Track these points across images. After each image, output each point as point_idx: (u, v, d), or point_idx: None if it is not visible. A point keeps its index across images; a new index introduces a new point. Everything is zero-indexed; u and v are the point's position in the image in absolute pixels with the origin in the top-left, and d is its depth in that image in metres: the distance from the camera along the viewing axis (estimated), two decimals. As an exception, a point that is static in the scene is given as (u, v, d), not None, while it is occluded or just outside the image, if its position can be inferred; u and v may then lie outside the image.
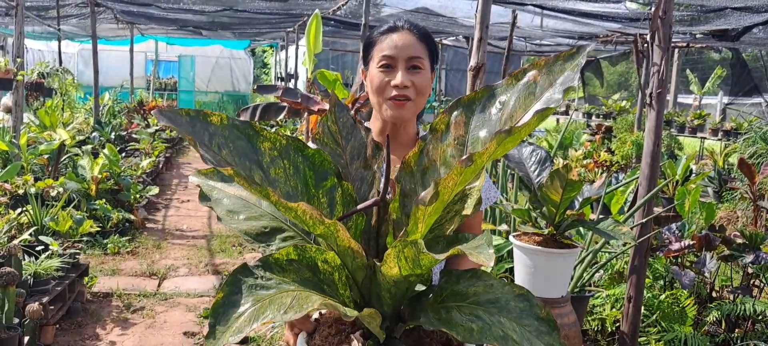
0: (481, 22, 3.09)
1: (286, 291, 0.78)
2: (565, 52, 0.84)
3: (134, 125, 10.00)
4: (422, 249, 0.75)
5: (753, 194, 5.49)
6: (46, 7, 9.48)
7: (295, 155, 0.91)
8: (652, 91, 2.16)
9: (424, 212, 0.79)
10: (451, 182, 0.77)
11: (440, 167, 0.91)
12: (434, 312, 0.85)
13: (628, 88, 23.09)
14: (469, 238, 0.88)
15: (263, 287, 0.77)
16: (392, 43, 1.42)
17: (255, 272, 0.79)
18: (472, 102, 0.90)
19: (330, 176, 0.92)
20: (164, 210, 6.84)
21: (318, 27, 4.57)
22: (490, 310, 0.82)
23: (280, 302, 0.75)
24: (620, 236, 1.87)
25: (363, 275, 0.88)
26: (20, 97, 5.71)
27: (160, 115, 0.81)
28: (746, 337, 3.01)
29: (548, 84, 0.82)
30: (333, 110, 0.99)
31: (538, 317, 0.80)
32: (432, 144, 0.91)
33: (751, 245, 3.23)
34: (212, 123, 0.86)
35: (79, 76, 13.57)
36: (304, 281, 0.82)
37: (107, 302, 4.10)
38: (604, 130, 9.85)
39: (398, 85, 1.39)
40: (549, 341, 0.79)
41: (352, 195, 0.93)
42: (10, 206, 4.61)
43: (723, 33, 6.95)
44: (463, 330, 0.80)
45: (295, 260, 0.83)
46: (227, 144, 0.86)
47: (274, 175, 0.89)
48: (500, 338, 0.78)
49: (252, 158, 0.88)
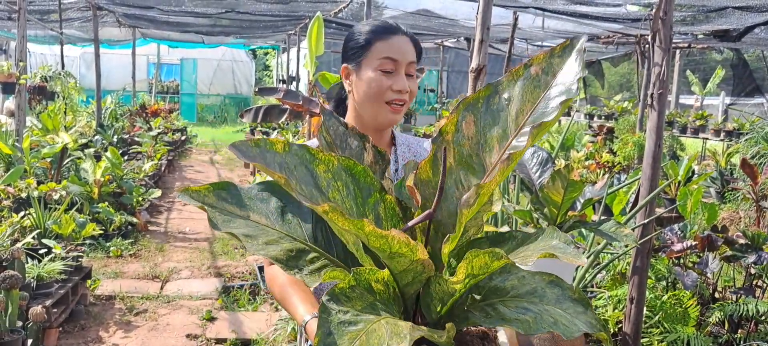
0: (482, 23, 3.09)
1: (374, 322, 0.77)
2: (561, 45, 0.85)
3: (136, 128, 10.03)
4: (502, 256, 0.76)
5: (755, 194, 5.48)
6: (49, 11, 9.51)
7: (346, 176, 0.90)
8: (654, 92, 2.16)
9: (467, 215, 0.80)
10: (494, 183, 0.79)
11: (458, 169, 0.91)
12: (480, 311, 0.87)
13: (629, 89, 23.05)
14: (511, 236, 0.90)
15: (349, 323, 0.77)
16: (396, 47, 1.39)
17: (330, 306, 0.78)
18: (476, 101, 0.90)
19: (374, 192, 0.92)
20: (166, 213, 6.85)
21: (320, 29, 4.58)
22: (532, 300, 0.85)
23: (378, 336, 0.74)
24: (622, 238, 1.87)
25: (415, 288, 0.88)
26: (23, 101, 5.73)
27: (235, 150, 0.82)
28: (749, 338, 3.01)
29: (552, 77, 0.83)
30: (324, 121, 0.99)
31: (573, 300, 0.84)
32: (443, 147, 0.91)
33: (754, 246, 3.22)
34: (278, 152, 0.86)
35: (81, 80, 13.61)
36: (370, 306, 0.82)
37: (110, 305, 4.11)
38: (605, 131, 9.84)
39: (401, 91, 1.38)
40: (587, 319, 0.82)
41: (394, 208, 0.93)
42: (13, 210, 4.63)
43: (724, 33, 6.95)
44: (520, 323, 0.82)
45: (355, 286, 0.82)
46: (293, 172, 0.85)
47: (333, 198, 0.89)
48: (552, 324, 0.80)
49: (312, 183, 0.87)
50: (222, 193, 0.90)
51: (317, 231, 0.94)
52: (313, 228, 0.94)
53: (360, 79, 1.41)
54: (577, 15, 6.97)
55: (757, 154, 6.83)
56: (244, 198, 0.91)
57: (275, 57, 21.76)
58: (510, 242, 0.88)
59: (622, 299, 3.08)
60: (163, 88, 18.43)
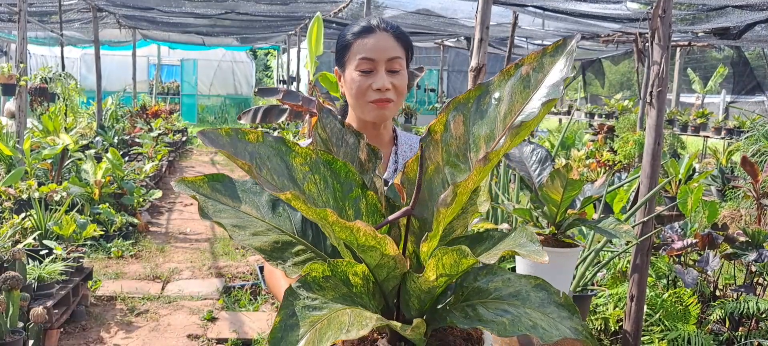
0: (481, 23, 3.10)
1: (339, 310, 0.78)
2: (555, 43, 0.84)
3: (137, 129, 10.04)
4: (467, 254, 0.76)
5: (756, 192, 5.48)
6: (49, 13, 9.52)
7: (324, 169, 0.91)
8: (653, 90, 2.16)
9: (444, 215, 0.80)
10: (471, 183, 0.78)
11: (445, 168, 0.91)
12: (460, 311, 0.87)
13: (630, 87, 23.05)
14: (488, 236, 0.89)
15: (314, 308, 0.77)
16: (371, 46, 1.40)
17: (299, 292, 0.79)
18: (467, 101, 0.90)
19: (355, 187, 0.92)
20: (167, 213, 6.86)
21: (319, 29, 4.58)
22: (513, 303, 0.84)
23: (338, 321, 0.75)
24: (621, 235, 1.87)
25: (394, 284, 0.88)
26: (24, 103, 5.74)
27: (204, 137, 0.82)
28: (750, 335, 3.01)
29: (542, 76, 0.83)
30: (321, 118, 0.99)
31: (558, 304, 0.83)
32: (432, 146, 0.91)
33: (754, 244, 3.22)
34: (250, 141, 0.86)
35: (82, 81, 13.61)
36: (343, 296, 0.82)
37: (111, 306, 4.11)
38: (606, 129, 9.83)
39: (380, 89, 1.39)
40: (572, 325, 0.81)
41: (375, 204, 0.93)
42: (14, 211, 4.64)
43: (724, 31, 6.94)
44: (496, 325, 0.81)
45: (330, 277, 0.83)
46: (265, 163, 0.86)
47: (308, 191, 0.89)
48: (531, 327, 0.80)
49: (287, 175, 0.88)
50: (216, 184, 0.91)
51: (307, 226, 0.95)
52: (303, 223, 0.95)
53: (345, 80, 1.45)
54: (576, 14, 6.96)
55: (758, 152, 6.83)
56: (238, 190, 0.93)
57: (276, 57, 21.77)
58: (487, 241, 0.88)
59: (622, 297, 3.08)
60: (164, 89, 18.45)
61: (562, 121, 15.44)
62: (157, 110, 11.55)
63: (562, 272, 2.21)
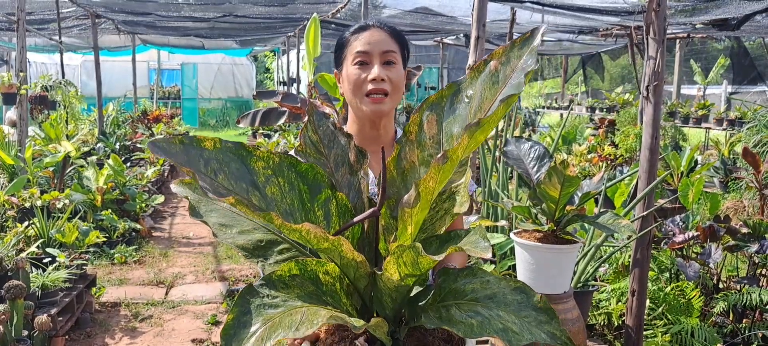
0: (477, 20, 3.10)
1: (294, 308, 0.78)
2: (521, 37, 0.84)
3: (138, 135, 10.05)
4: (421, 252, 0.76)
5: (758, 182, 5.46)
6: (47, 20, 9.54)
7: (288, 172, 0.91)
8: (649, 84, 2.16)
9: (410, 215, 0.80)
10: (432, 182, 0.78)
11: (420, 168, 0.91)
12: (434, 311, 0.87)
13: (631, 81, 22.99)
14: (462, 235, 0.89)
15: (271, 306, 0.78)
16: (365, 39, 1.46)
17: (260, 291, 0.79)
18: (440, 99, 0.91)
19: (324, 189, 0.93)
20: (170, 218, 6.87)
21: (316, 31, 4.58)
22: (488, 305, 0.84)
23: (289, 319, 0.76)
24: (620, 229, 1.87)
25: (365, 283, 0.89)
26: (25, 111, 5.75)
27: (154, 148, 0.81)
28: (754, 326, 3.00)
29: (510, 70, 0.83)
30: (312, 120, 0.99)
31: (535, 308, 0.82)
32: (408, 146, 0.92)
33: (756, 235, 3.22)
34: (206, 148, 0.86)
35: (82, 88, 13.65)
36: (309, 295, 0.83)
37: (115, 312, 4.13)
38: (607, 124, 9.81)
39: (375, 79, 1.42)
40: (549, 329, 0.80)
41: (346, 205, 0.94)
42: (17, 219, 4.65)
43: (723, 22, 6.92)
44: (463, 326, 0.81)
45: (297, 275, 0.83)
46: (222, 168, 0.86)
47: (271, 194, 0.90)
48: (500, 330, 0.79)
49: (248, 179, 0.88)
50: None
51: None
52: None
53: (343, 77, 1.51)
54: (574, 8, 6.95)
55: (760, 143, 6.80)
56: None
57: (275, 60, 21.78)
58: (453, 240, 0.89)
59: (624, 292, 3.08)
60: (165, 94, 18.46)
61: (563, 116, 15.40)
62: (159, 115, 11.56)
63: (562, 269, 2.21)
